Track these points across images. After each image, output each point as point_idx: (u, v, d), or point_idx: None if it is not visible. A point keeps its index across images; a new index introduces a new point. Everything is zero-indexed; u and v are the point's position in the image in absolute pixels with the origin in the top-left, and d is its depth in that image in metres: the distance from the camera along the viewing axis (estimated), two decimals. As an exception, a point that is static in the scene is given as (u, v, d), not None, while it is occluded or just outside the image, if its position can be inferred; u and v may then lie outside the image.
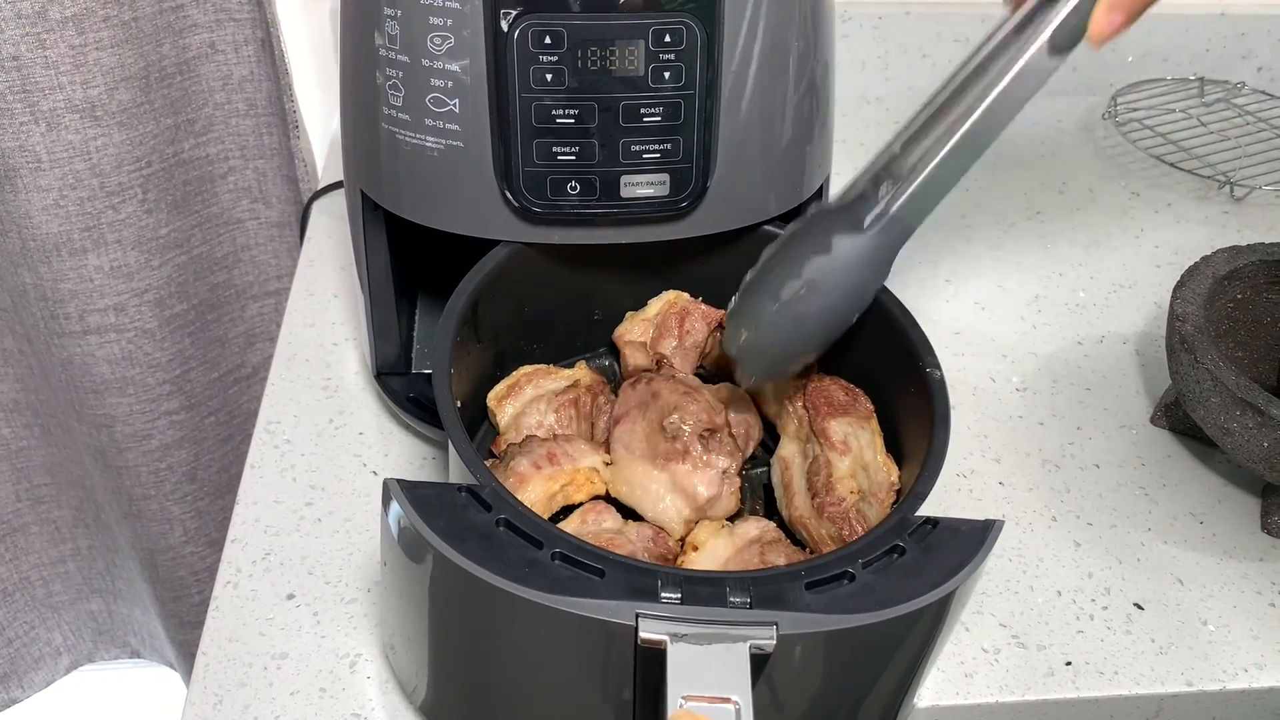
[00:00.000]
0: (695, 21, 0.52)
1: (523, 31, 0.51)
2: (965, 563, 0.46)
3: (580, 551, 0.44)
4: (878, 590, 0.44)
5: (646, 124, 0.53)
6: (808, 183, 0.62)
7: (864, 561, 0.46)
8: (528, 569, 0.43)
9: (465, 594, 0.44)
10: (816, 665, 0.45)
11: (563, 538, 0.45)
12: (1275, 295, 0.74)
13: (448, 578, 0.44)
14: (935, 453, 0.52)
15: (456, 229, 0.57)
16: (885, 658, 0.47)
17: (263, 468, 0.68)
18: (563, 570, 0.44)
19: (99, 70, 0.86)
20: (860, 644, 0.45)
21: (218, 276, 1.05)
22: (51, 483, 1.17)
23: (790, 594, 0.44)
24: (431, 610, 0.47)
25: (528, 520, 0.46)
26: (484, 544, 0.44)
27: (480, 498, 0.46)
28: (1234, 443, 0.65)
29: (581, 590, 0.43)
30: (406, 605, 0.49)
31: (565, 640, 0.44)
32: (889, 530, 0.48)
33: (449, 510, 0.45)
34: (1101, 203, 0.98)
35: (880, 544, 0.47)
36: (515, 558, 0.44)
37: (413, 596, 0.48)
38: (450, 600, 0.46)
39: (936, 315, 0.83)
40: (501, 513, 0.46)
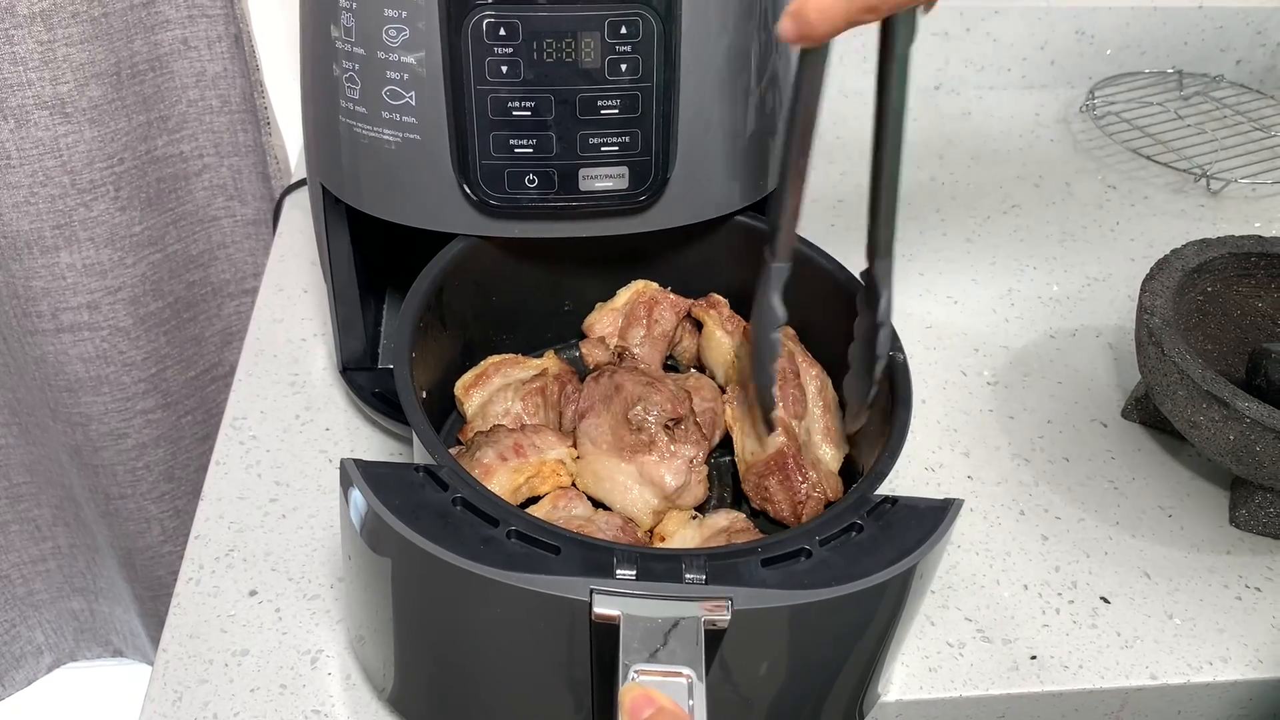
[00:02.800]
0: (651, 13, 0.52)
1: (478, 23, 0.51)
2: (923, 540, 0.46)
3: (536, 529, 0.44)
4: (834, 567, 0.44)
5: (604, 116, 0.53)
6: (771, 176, 0.62)
7: (821, 539, 0.46)
8: (483, 546, 0.43)
9: (422, 572, 0.44)
10: (773, 641, 0.45)
11: (519, 516, 0.45)
12: (1245, 288, 0.74)
13: (405, 557, 0.44)
14: (896, 433, 0.52)
15: (415, 223, 0.57)
16: (843, 636, 0.46)
17: (228, 464, 0.68)
18: (518, 548, 0.44)
19: (68, 66, 0.86)
20: (816, 620, 0.44)
21: (193, 274, 1.05)
22: (30, 481, 1.17)
23: (746, 570, 0.44)
24: (392, 591, 0.47)
25: (484, 499, 0.45)
26: (440, 522, 0.44)
27: (437, 477, 0.46)
28: (1201, 436, 0.65)
29: (537, 567, 0.43)
30: (367, 588, 0.49)
31: (521, 617, 0.44)
32: (847, 508, 0.48)
33: (405, 489, 0.45)
34: (1078, 196, 0.98)
35: (838, 521, 0.47)
36: (471, 535, 0.44)
37: (372, 577, 0.48)
38: (408, 579, 0.46)
39: (909, 308, 0.83)
40: (458, 491, 0.46)
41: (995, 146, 1.04)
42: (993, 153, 1.03)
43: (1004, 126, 1.07)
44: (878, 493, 0.49)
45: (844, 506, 0.48)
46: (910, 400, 0.54)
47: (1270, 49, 1.12)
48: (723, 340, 0.64)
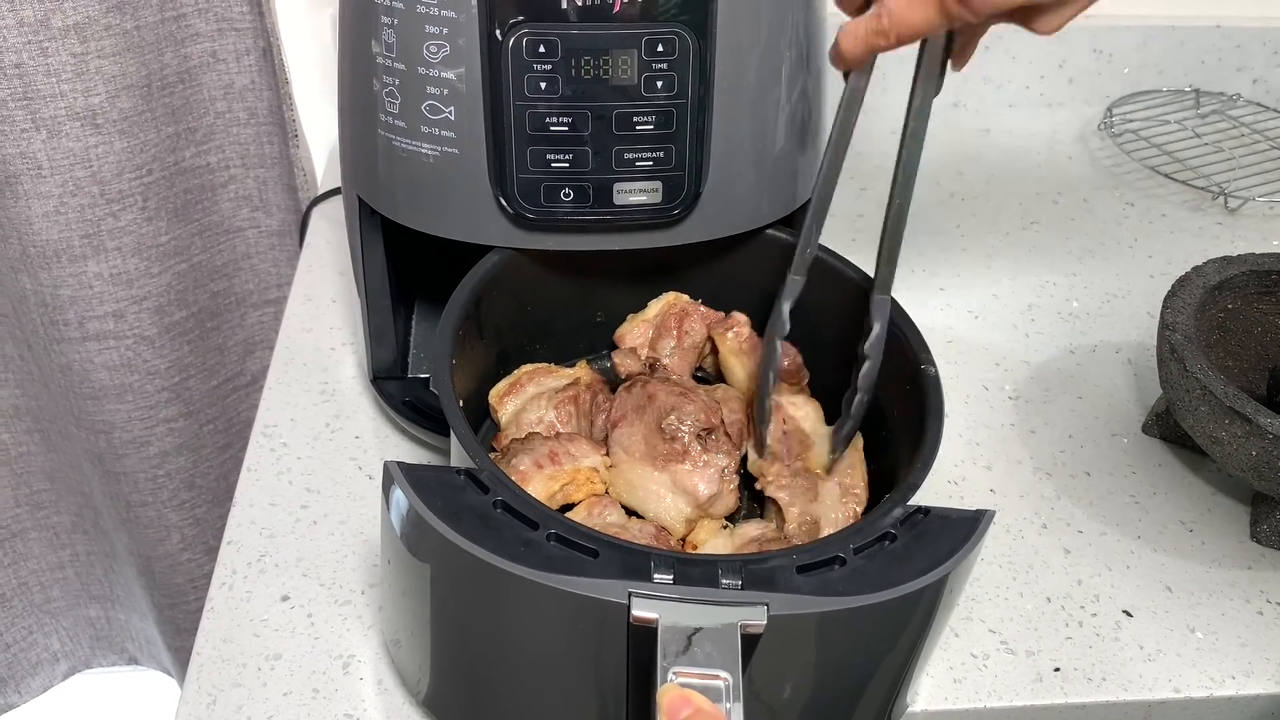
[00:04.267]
0: (688, 31, 0.53)
1: (517, 40, 0.52)
2: (956, 550, 0.46)
3: (575, 533, 0.45)
4: (869, 575, 0.45)
5: (639, 132, 0.54)
6: (800, 190, 0.63)
7: (855, 547, 0.46)
8: (523, 548, 0.44)
9: (462, 574, 0.45)
10: (807, 647, 0.46)
11: (559, 519, 0.46)
12: (1265, 305, 0.75)
13: (445, 557, 0.45)
14: (928, 445, 0.53)
15: (451, 235, 0.58)
16: (876, 644, 0.47)
17: (259, 470, 0.69)
18: (558, 550, 0.44)
19: (100, 78, 0.87)
20: (850, 627, 0.45)
21: (218, 284, 1.06)
22: (51, 488, 1.17)
23: (781, 576, 0.44)
24: (431, 592, 0.48)
25: (524, 502, 0.46)
26: (481, 524, 0.45)
27: (478, 480, 0.47)
28: (1223, 451, 0.65)
29: (576, 569, 0.43)
30: (406, 591, 0.49)
31: (559, 619, 0.44)
32: (881, 518, 0.48)
33: (447, 491, 0.46)
34: (1096, 213, 0.99)
35: (872, 531, 0.48)
36: (511, 537, 0.44)
37: (412, 579, 0.48)
38: (448, 581, 0.47)
39: (931, 323, 0.84)
40: (499, 495, 0.46)
41: (1014, 164, 1.05)
42: (1012, 170, 1.04)
43: (1023, 144, 1.08)
44: (910, 503, 0.50)
45: (877, 516, 0.49)
46: (942, 412, 0.55)
47: (1287, 69, 1.13)
48: (735, 367, 0.66)
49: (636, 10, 0.52)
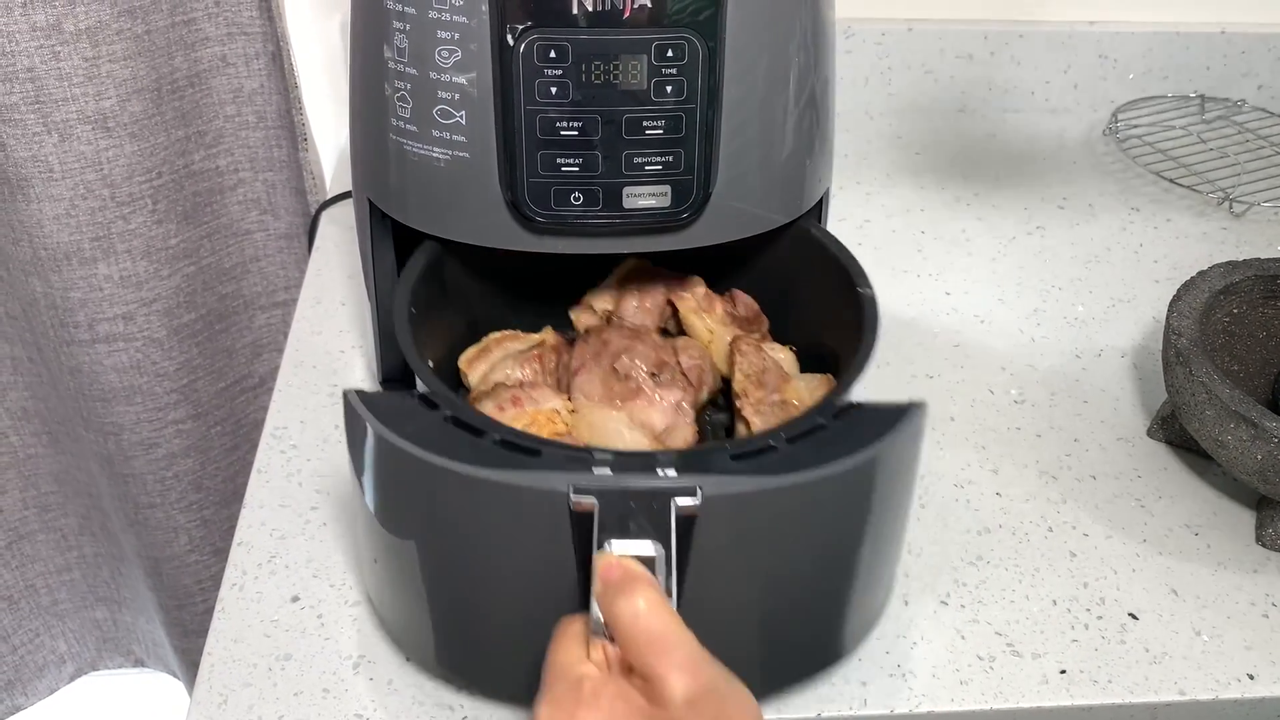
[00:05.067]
0: (697, 37, 0.53)
1: (528, 45, 0.52)
2: (884, 434, 0.49)
3: (519, 436, 0.49)
4: (799, 458, 0.48)
5: (649, 136, 0.54)
6: (808, 195, 0.63)
7: (788, 436, 0.49)
8: (472, 452, 0.47)
9: (417, 480, 0.48)
10: (743, 529, 0.47)
11: (503, 427, 0.50)
12: (1270, 310, 0.75)
13: (401, 468, 0.49)
14: (862, 351, 0.56)
15: (461, 238, 0.58)
16: (812, 526, 0.49)
17: (269, 472, 0.69)
18: (503, 453, 0.48)
19: (111, 82, 0.88)
20: (782, 507, 0.47)
21: (226, 287, 1.07)
22: (58, 490, 1.18)
23: (716, 462, 0.47)
24: (393, 505, 0.51)
25: (470, 415, 0.51)
26: (431, 435, 0.48)
27: (428, 400, 0.52)
28: (1228, 455, 0.66)
29: (520, 465, 0.47)
30: (370, 511, 0.53)
31: (508, 513, 0.47)
32: (814, 411, 0.52)
33: (400, 411, 0.50)
34: (1101, 218, 0.99)
35: (805, 423, 0.51)
36: (461, 443, 0.48)
37: (375, 496, 0.52)
38: (405, 490, 0.50)
39: (936, 327, 0.84)
40: (448, 410, 0.51)
41: (1019, 169, 1.05)
42: (1017, 175, 1.04)
43: (1028, 149, 1.09)
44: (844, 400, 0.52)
45: (811, 411, 0.52)
46: (876, 326, 0.59)
47: (1292, 74, 1.13)
48: (696, 324, 0.69)
49: (646, 16, 0.52)
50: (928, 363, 0.81)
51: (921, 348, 0.82)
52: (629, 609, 0.42)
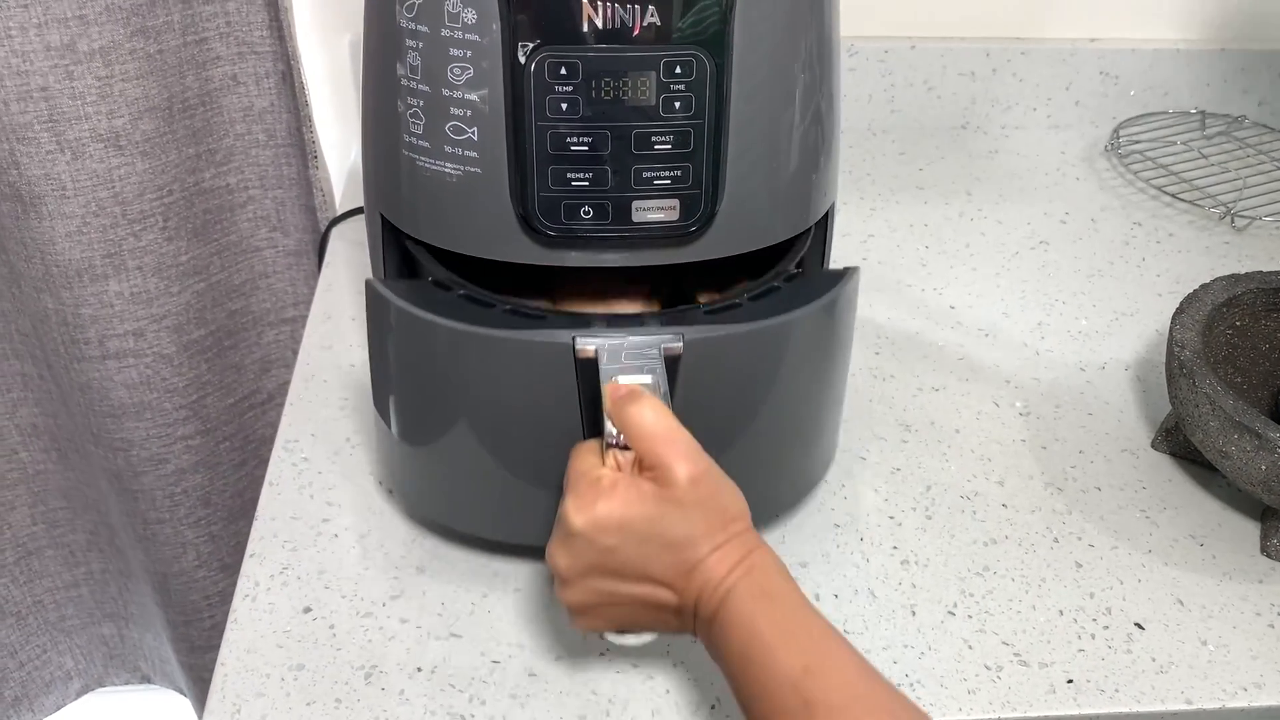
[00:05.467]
0: (705, 54, 0.54)
1: (539, 63, 0.53)
2: (829, 290, 0.61)
3: (526, 306, 0.58)
4: (760, 311, 0.59)
5: (657, 151, 0.55)
6: (814, 209, 0.64)
7: (750, 296, 0.61)
8: (485, 318, 0.56)
9: (437, 345, 0.57)
10: (719, 367, 0.58)
11: (511, 300, 0.58)
12: (1273, 323, 0.76)
13: (423, 338, 0.57)
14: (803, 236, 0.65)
15: (472, 251, 0.59)
16: (775, 363, 0.59)
17: (281, 485, 0.70)
18: (513, 318, 0.57)
19: (124, 101, 0.89)
20: (749, 347, 0.58)
21: (235, 303, 1.07)
22: (67, 506, 1.19)
23: (693, 317, 0.58)
24: (416, 369, 0.59)
25: (481, 292, 0.59)
26: (449, 309, 0.57)
27: (442, 283, 0.60)
28: (1232, 466, 0.66)
29: (529, 327, 0.56)
30: (396, 377, 0.61)
31: (521, 366, 0.56)
32: (770, 277, 0.63)
33: (420, 292, 0.59)
34: (1104, 233, 1.00)
35: (763, 285, 0.62)
36: (474, 312, 0.57)
37: (399, 367, 0.60)
38: (429, 360, 0.58)
39: (942, 340, 0.85)
40: (460, 289, 0.59)
41: (1022, 184, 1.06)
42: (1020, 190, 1.05)
43: (1030, 165, 1.09)
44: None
45: (768, 277, 0.62)
46: None
47: (1292, 90, 1.14)
48: None
49: (655, 33, 0.53)
50: (933, 376, 0.82)
51: (927, 360, 0.83)
52: (638, 413, 0.50)
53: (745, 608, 0.47)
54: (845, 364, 0.66)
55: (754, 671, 0.46)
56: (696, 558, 0.49)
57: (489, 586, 0.64)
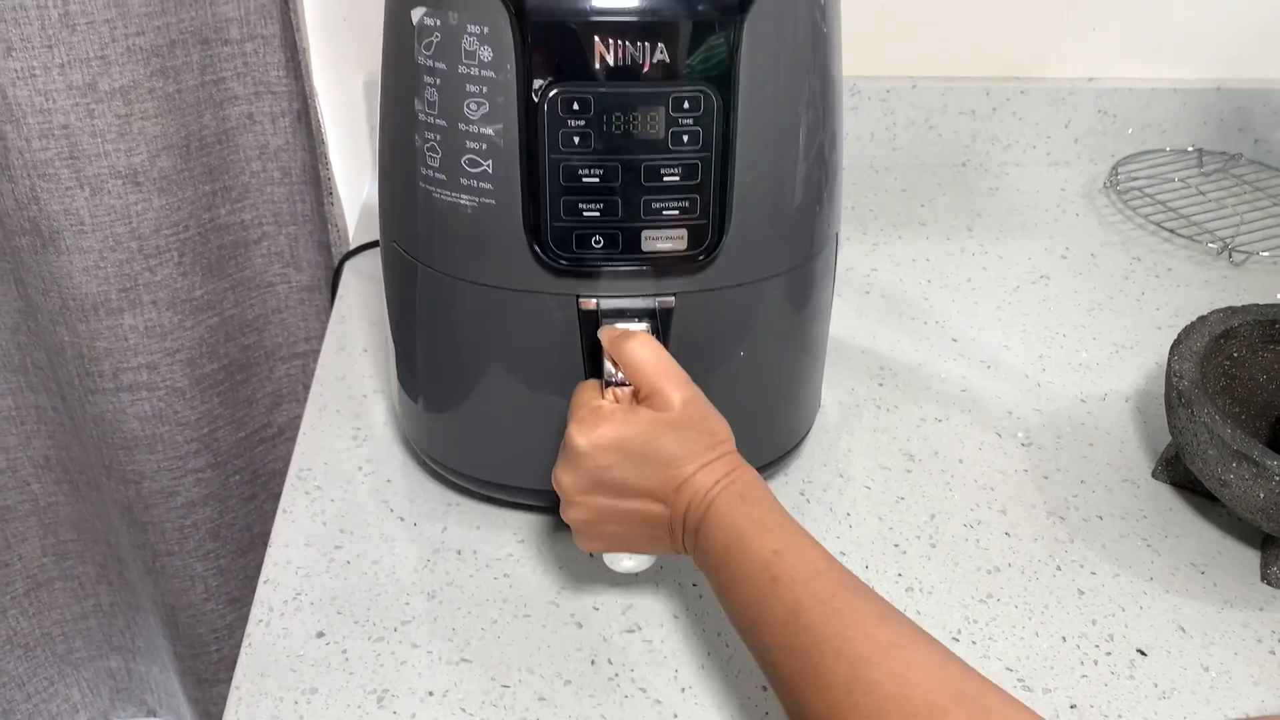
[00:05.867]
0: (712, 90, 0.56)
1: (553, 98, 0.55)
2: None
3: None
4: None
5: (666, 183, 0.57)
6: (817, 242, 0.66)
7: None
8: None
9: (456, 301, 0.64)
10: (704, 322, 0.63)
11: None
12: (1270, 354, 0.77)
13: (443, 294, 0.64)
14: None
15: (486, 281, 0.61)
16: (745, 322, 0.65)
17: (294, 513, 0.71)
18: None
19: (143, 139, 0.91)
20: (722, 306, 0.63)
21: (248, 338, 1.09)
22: (77, 538, 1.20)
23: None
24: (436, 328, 0.66)
25: None
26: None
27: None
28: (1232, 494, 0.67)
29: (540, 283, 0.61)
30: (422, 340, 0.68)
31: (530, 318, 0.62)
32: None
33: None
34: (1104, 267, 1.01)
35: None
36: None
37: (425, 328, 0.67)
38: (449, 314, 0.65)
39: (944, 373, 0.86)
40: None
41: (1022, 220, 1.08)
42: (1020, 226, 1.07)
43: (1030, 201, 1.11)
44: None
45: None
46: None
47: (1287, 129, 1.16)
48: None
49: (664, 71, 0.55)
50: (936, 406, 0.83)
51: (930, 392, 0.84)
52: (634, 348, 0.56)
53: (726, 510, 0.53)
54: (826, 321, 0.72)
55: (732, 562, 0.51)
56: (686, 474, 0.54)
57: (499, 612, 0.65)
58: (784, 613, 0.48)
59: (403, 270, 0.65)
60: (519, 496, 0.70)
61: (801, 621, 0.47)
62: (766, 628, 0.49)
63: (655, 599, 0.66)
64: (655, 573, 0.68)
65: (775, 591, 0.49)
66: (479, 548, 0.69)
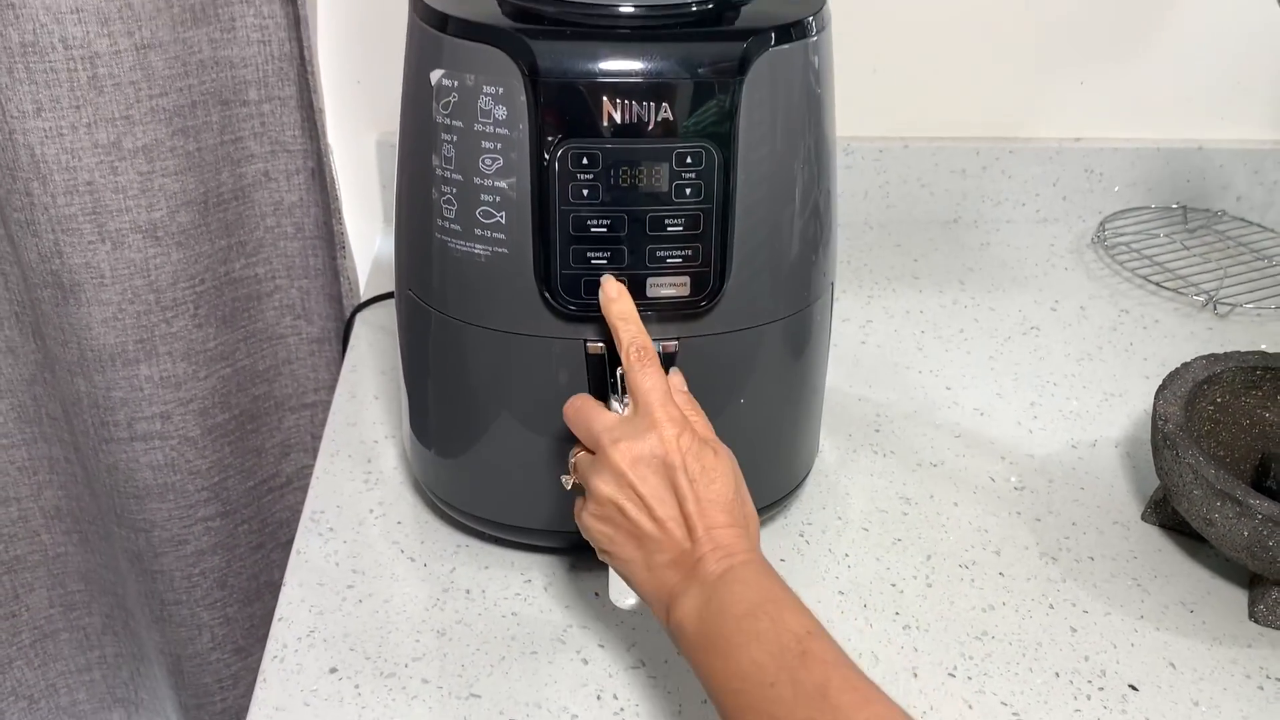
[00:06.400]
0: (713, 146, 0.60)
1: (563, 153, 0.58)
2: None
3: None
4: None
5: (670, 233, 0.60)
6: (814, 290, 0.69)
7: None
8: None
9: (467, 344, 0.67)
10: (707, 365, 0.66)
11: None
12: (1252, 400, 0.80)
13: (454, 337, 0.67)
14: None
15: (497, 326, 0.64)
16: (745, 365, 0.68)
17: (308, 553, 0.73)
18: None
19: (163, 195, 0.94)
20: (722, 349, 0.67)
21: (259, 388, 1.11)
22: (85, 589, 1.21)
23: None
24: (451, 368, 0.69)
25: None
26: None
27: None
28: (1217, 533, 0.69)
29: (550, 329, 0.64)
30: (437, 382, 0.70)
31: (539, 360, 0.66)
32: None
33: None
34: (1093, 319, 1.04)
35: None
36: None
37: (435, 374, 0.70)
38: (463, 357, 0.68)
39: (938, 420, 0.89)
40: None
41: (1013, 274, 1.11)
42: (1011, 280, 1.10)
43: (1021, 256, 1.15)
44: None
45: None
46: None
47: (1268, 186, 1.20)
48: None
49: (667, 128, 0.59)
50: (931, 452, 0.85)
51: (925, 438, 0.87)
52: (644, 379, 0.58)
53: (759, 573, 0.55)
54: (823, 367, 0.76)
55: (761, 624, 0.52)
56: (721, 524, 0.56)
57: (506, 649, 0.67)
58: (812, 687, 0.49)
59: (417, 317, 0.68)
60: (526, 537, 0.72)
61: (829, 700, 0.49)
62: (777, 693, 0.50)
63: (659, 636, 0.68)
64: (659, 611, 0.70)
65: (805, 664, 0.50)
66: (487, 587, 0.71)
